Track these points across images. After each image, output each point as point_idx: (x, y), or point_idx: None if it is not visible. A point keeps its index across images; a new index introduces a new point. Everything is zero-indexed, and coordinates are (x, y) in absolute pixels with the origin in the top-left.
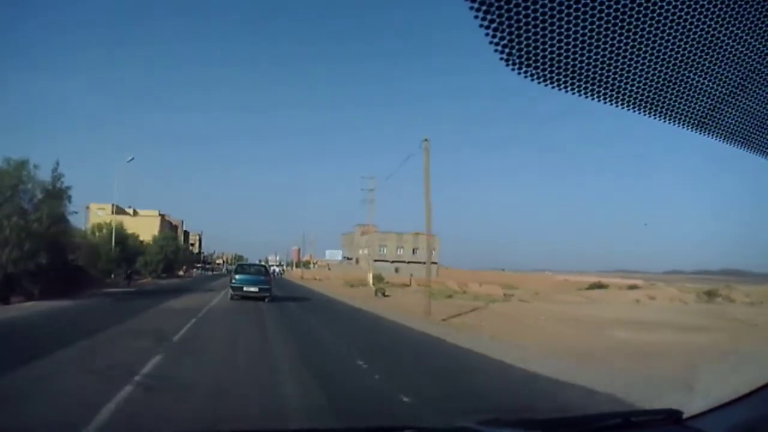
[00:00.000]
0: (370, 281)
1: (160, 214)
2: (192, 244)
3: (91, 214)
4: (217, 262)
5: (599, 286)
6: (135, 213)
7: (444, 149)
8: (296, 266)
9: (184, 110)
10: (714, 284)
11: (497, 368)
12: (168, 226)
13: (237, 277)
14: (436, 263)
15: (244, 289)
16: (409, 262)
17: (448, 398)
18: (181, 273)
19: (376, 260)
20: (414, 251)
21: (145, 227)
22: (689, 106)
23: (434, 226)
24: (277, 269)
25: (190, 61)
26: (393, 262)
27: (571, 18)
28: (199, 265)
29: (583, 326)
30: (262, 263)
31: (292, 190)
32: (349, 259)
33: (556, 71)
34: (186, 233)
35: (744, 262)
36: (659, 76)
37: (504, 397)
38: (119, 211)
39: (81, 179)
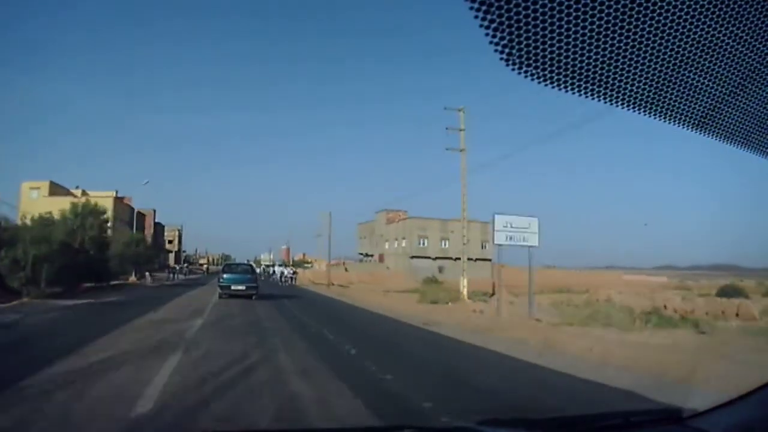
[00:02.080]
0: (464, 291)
1: (117, 197)
2: (170, 241)
3: (23, 195)
4: (201, 262)
5: (734, 290)
6: (84, 194)
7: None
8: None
9: (171, 110)
10: (731, 279)
11: None
12: (129, 213)
13: (225, 276)
14: (489, 260)
15: (232, 287)
16: (456, 259)
17: None
18: (133, 279)
19: (413, 256)
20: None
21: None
22: (689, 106)
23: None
24: (286, 272)
25: (189, 61)
26: (436, 258)
27: (571, 18)
28: (176, 266)
29: None
30: (249, 263)
31: (280, 189)
32: (368, 256)
33: (556, 71)
34: (159, 226)
35: (735, 258)
36: (659, 76)
37: None
38: (60, 192)
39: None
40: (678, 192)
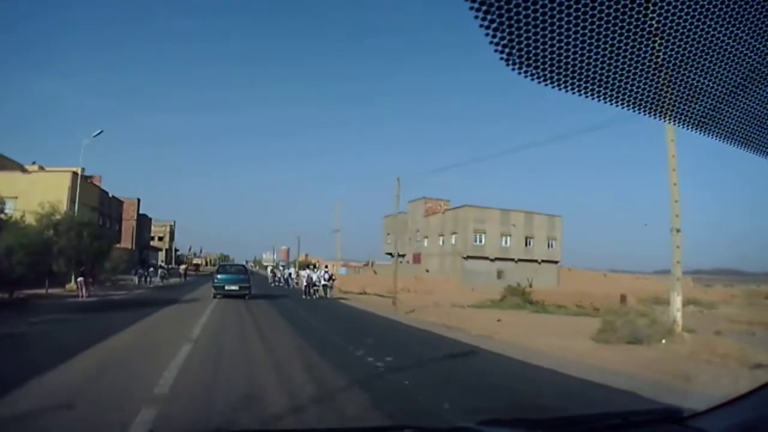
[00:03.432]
0: (677, 317)
1: (81, 175)
2: (160, 238)
3: None
4: (195, 262)
5: None
6: (42, 170)
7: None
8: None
9: (169, 110)
10: (727, 284)
11: None
12: (98, 197)
13: (219, 276)
14: (557, 262)
15: (226, 287)
16: (519, 261)
17: None
18: (71, 286)
19: (469, 256)
20: (528, 242)
21: (40, 190)
22: (689, 106)
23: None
24: (315, 276)
25: (191, 61)
26: (495, 260)
27: (571, 18)
28: (165, 264)
29: None
30: (243, 264)
31: (280, 188)
32: (399, 256)
33: (556, 71)
34: (145, 219)
35: (736, 262)
36: (659, 76)
37: None
38: (8, 165)
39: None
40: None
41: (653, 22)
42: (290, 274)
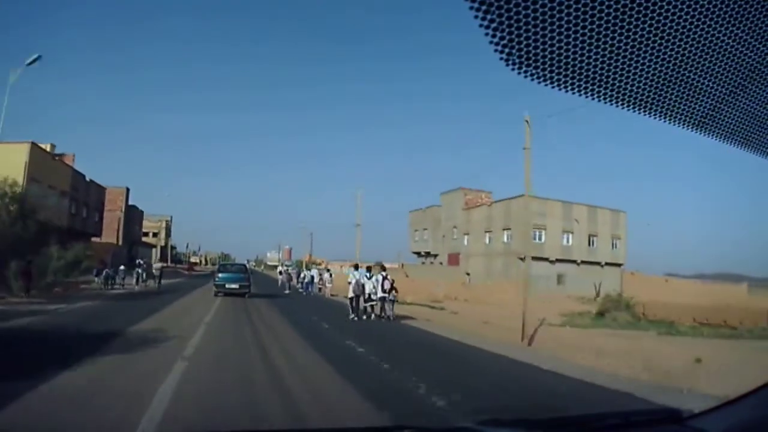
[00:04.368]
0: None
1: (41, 149)
2: (155, 234)
3: None
4: (192, 260)
5: None
6: None
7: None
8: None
9: (168, 110)
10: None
11: None
12: (67, 175)
13: (220, 275)
14: (620, 265)
15: (226, 286)
16: (582, 263)
17: None
18: None
19: (534, 257)
20: (591, 241)
21: None
22: (689, 106)
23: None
24: (369, 286)
25: (193, 60)
26: (555, 261)
27: (572, 18)
28: (149, 261)
29: None
30: (243, 263)
31: (283, 188)
32: (428, 255)
33: (556, 71)
34: (134, 212)
35: (739, 266)
36: (659, 76)
37: None
38: None
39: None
40: (679, 198)
41: (653, 22)
42: (312, 277)
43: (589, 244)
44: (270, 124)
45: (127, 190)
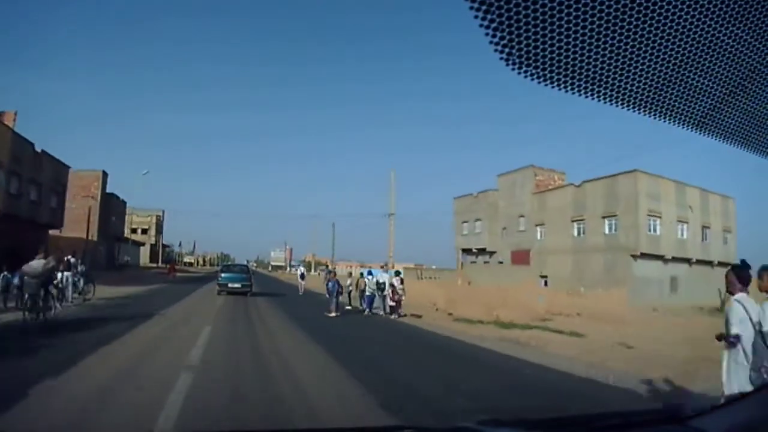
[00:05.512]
0: None
1: None
2: (144, 230)
3: None
4: (187, 260)
5: None
6: None
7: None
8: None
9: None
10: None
11: None
12: (5, 139)
13: (223, 275)
14: (730, 265)
15: (229, 285)
16: (694, 263)
17: None
18: None
19: (643, 254)
20: (704, 234)
21: None
22: (689, 106)
23: None
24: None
25: (194, 61)
26: (671, 260)
27: (571, 18)
28: (80, 258)
29: None
30: (245, 264)
31: (280, 188)
32: (483, 253)
33: (556, 71)
34: (114, 201)
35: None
36: (659, 76)
37: None
38: None
39: None
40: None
41: (653, 22)
42: (384, 284)
43: (703, 239)
44: (270, 124)
45: (104, 173)
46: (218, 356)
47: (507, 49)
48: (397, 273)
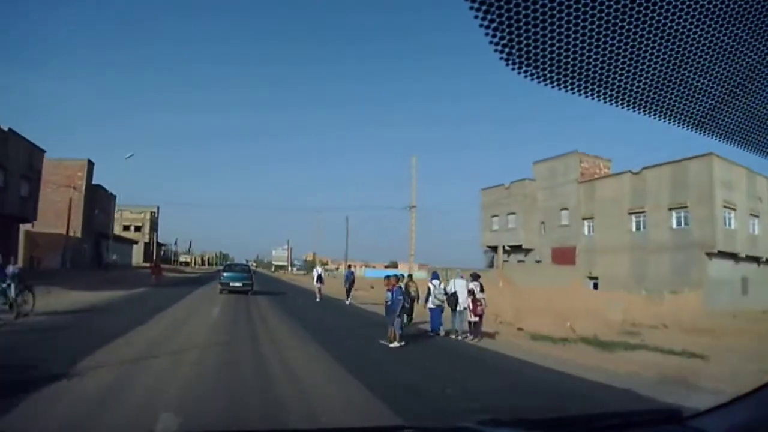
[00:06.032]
0: None
1: None
2: (138, 228)
3: None
4: (183, 259)
5: None
6: None
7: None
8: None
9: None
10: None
11: None
12: None
13: (225, 274)
14: None
15: (231, 284)
16: (763, 262)
17: None
18: None
19: (719, 251)
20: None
21: None
22: (689, 106)
23: None
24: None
25: (195, 61)
26: (743, 260)
27: (571, 18)
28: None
29: None
30: (246, 263)
31: (280, 187)
32: (519, 250)
33: (556, 71)
34: (101, 194)
35: None
36: (659, 76)
37: None
38: None
39: None
40: None
41: (653, 21)
42: (455, 295)
43: (753, 229)
44: (270, 124)
45: (90, 162)
46: None
47: (507, 49)
48: (476, 276)
